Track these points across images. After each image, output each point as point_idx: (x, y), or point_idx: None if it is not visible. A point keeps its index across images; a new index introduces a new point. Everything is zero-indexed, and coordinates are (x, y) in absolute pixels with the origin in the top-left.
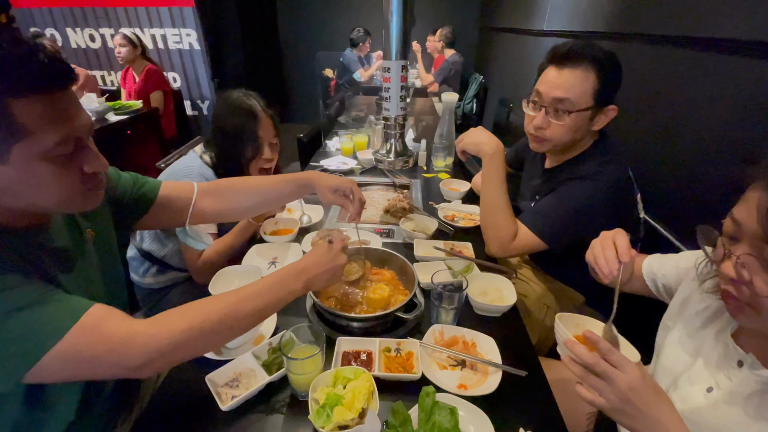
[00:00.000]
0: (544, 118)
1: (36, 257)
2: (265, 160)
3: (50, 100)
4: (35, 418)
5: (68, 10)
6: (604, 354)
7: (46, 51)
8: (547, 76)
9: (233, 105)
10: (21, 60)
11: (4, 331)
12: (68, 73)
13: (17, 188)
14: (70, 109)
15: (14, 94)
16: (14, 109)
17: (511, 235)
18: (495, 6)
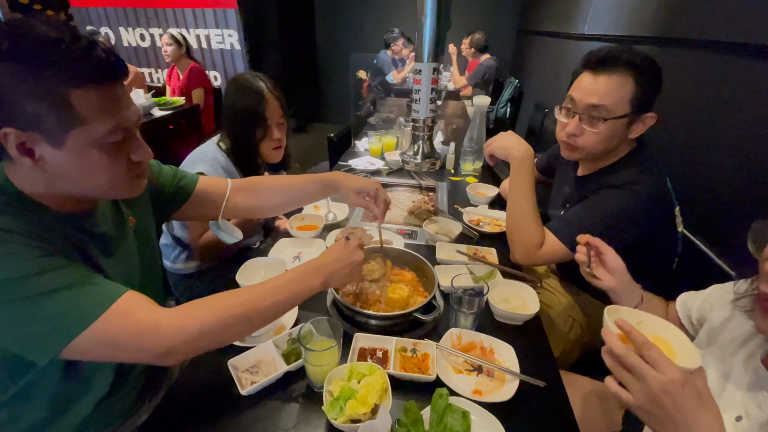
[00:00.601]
0: (577, 125)
1: (81, 241)
2: (275, 140)
3: (105, 92)
4: (71, 391)
5: (122, 11)
6: (638, 347)
7: (103, 47)
8: (581, 82)
9: (241, 86)
10: (81, 53)
11: (45, 308)
12: (121, 68)
13: (70, 173)
14: (121, 101)
15: (74, 84)
16: (72, 98)
17: (537, 242)
18: (534, 9)
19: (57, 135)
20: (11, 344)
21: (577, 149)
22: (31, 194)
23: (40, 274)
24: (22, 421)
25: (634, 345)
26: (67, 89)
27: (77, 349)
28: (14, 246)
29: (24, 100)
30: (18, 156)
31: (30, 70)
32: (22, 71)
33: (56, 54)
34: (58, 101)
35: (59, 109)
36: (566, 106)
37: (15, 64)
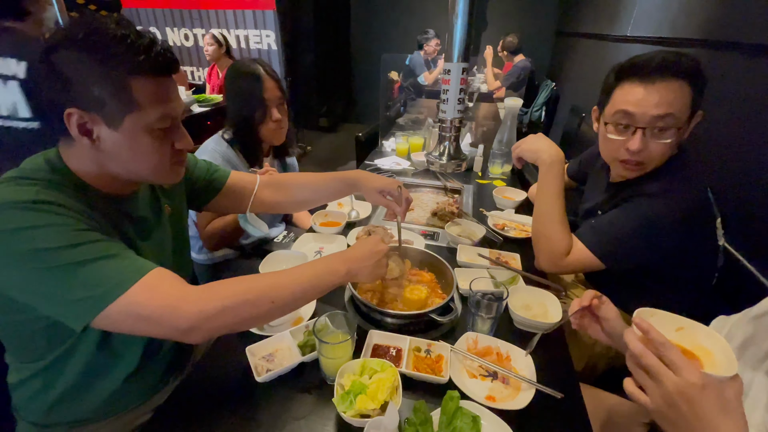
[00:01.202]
0: (642, 140)
1: (120, 222)
2: (275, 121)
3: (159, 83)
4: (103, 363)
5: (168, 12)
6: (656, 348)
7: (161, 44)
8: (635, 94)
9: (238, 71)
10: (143, 48)
11: (81, 276)
12: (175, 64)
13: (121, 154)
14: (171, 92)
15: (135, 73)
16: (132, 86)
17: (564, 249)
18: (574, 10)
19: (115, 117)
20: (51, 309)
21: (643, 165)
22: (81, 174)
23: (78, 245)
24: (57, 388)
25: (652, 345)
26: (129, 77)
27: (108, 319)
28: (58, 218)
29: (91, 84)
30: (78, 135)
31: (99, 59)
32: (92, 59)
33: (123, 47)
34: (120, 87)
35: (120, 95)
36: (620, 123)
37: (87, 52)
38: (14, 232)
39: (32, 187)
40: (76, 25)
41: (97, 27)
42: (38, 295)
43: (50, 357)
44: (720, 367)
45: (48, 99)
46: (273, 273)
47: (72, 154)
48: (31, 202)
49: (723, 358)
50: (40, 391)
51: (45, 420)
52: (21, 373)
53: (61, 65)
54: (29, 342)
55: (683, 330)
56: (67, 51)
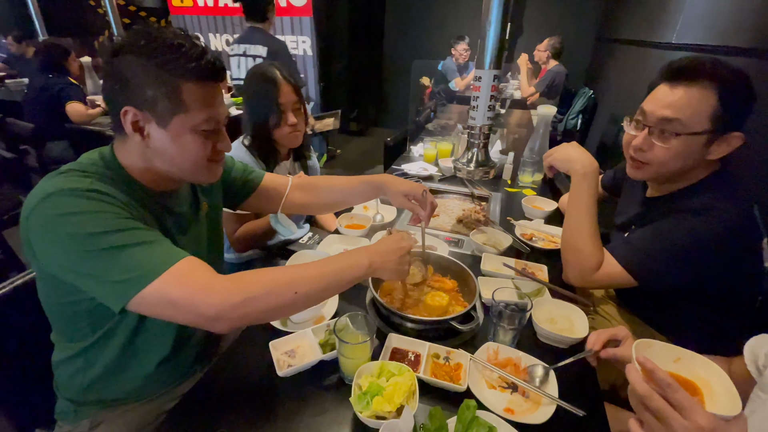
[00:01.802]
0: (646, 139)
1: (162, 216)
2: (290, 125)
3: (207, 88)
4: (138, 347)
5: (212, 18)
6: (662, 389)
7: (211, 53)
8: (656, 94)
9: (255, 74)
10: (195, 56)
11: (121, 260)
12: (222, 72)
13: (167, 151)
14: (217, 98)
15: (185, 78)
16: (183, 90)
17: (594, 263)
18: (615, 15)
19: (165, 117)
20: (93, 289)
21: (645, 166)
22: (129, 170)
23: (121, 230)
24: (95, 369)
25: (658, 385)
26: (180, 82)
27: (143, 302)
28: (104, 206)
29: (146, 86)
30: (131, 131)
31: (155, 64)
32: (149, 63)
33: (177, 54)
34: (171, 90)
35: (171, 97)
36: (636, 119)
37: (145, 57)
38: (67, 215)
39: (87, 178)
40: (138, 33)
41: (157, 36)
42: (82, 275)
43: (91, 338)
44: (720, 399)
45: (108, 97)
46: (297, 265)
47: (124, 150)
48: (85, 190)
49: (723, 390)
50: (80, 370)
51: (82, 398)
52: (64, 352)
53: (122, 67)
54: (73, 322)
55: (681, 360)
56: (129, 55)
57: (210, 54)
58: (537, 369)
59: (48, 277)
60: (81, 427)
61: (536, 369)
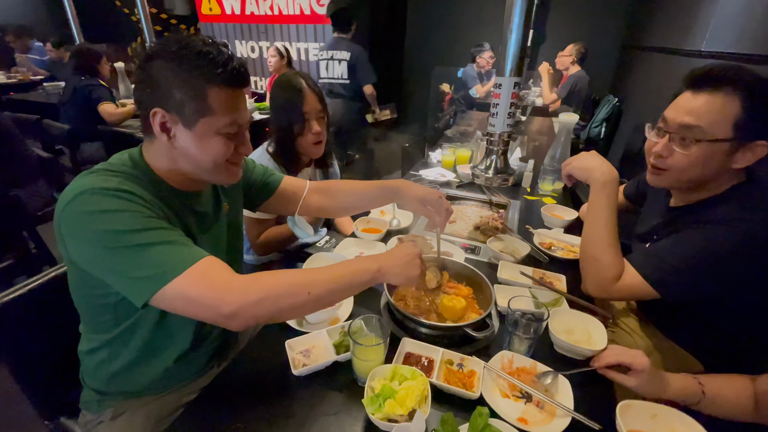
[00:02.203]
0: (666, 146)
1: (185, 215)
2: (314, 134)
3: (231, 93)
4: (160, 341)
5: (238, 26)
6: None
7: (237, 60)
8: (679, 100)
9: (282, 83)
10: (222, 63)
11: (145, 257)
12: (247, 78)
13: (191, 151)
14: (240, 102)
15: (212, 83)
16: (209, 94)
17: (614, 274)
18: (643, 22)
19: (191, 119)
20: (118, 284)
21: (664, 172)
22: (156, 170)
23: (146, 229)
24: (118, 360)
25: None
26: (207, 86)
27: (164, 298)
28: (132, 205)
29: (175, 89)
30: (158, 132)
31: (185, 69)
32: (179, 69)
33: (205, 60)
34: (198, 94)
35: (198, 100)
36: (658, 126)
37: (176, 63)
38: (97, 213)
39: (116, 177)
40: (170, 40)
41: (187, 43)
42: (108, 271)
43: (116, 331)
44: None
45: (140, 99)
46: (311, 269)
47: (151, 150)
48: (114, 189)
49: None
50: (104, 361)
51: (105, 388)
52: (91, 343)
53: (154, 72)
54: (99, 315)
55: (657, 417)
56: (161, 60)
57: (235, 61)
58: (547, 375)
59: (78, 270)
60: (104, 416)
61: (546, 375)
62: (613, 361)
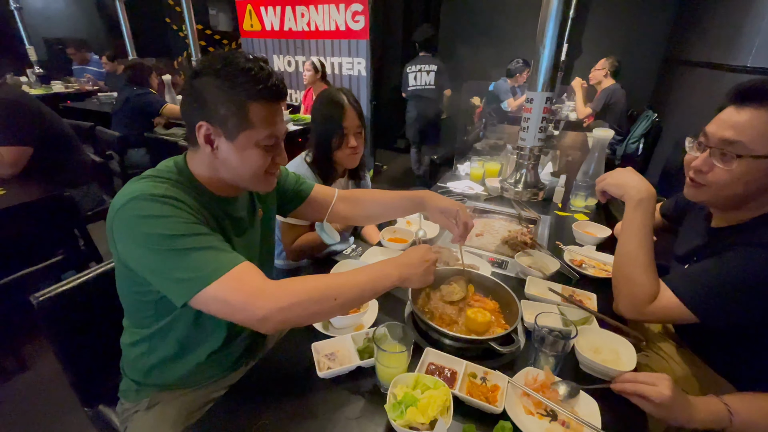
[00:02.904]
0: (706, 160)
1: (222, 220)
2: (351, 147)
3: (270, 108)
4: (195, 338)
5: (277, 41)
6: None
7: (276, 76)
8: (721, 115)
9: (324, 98)
10: (262, 79)
11: (187, 261)
12: (285, 93)
13: (232, 162)
14: (278, 116)
15: (253, 98)
16: (250, 109)
17: (648, 295)
18: (687, 36)
19: (233, 132)
20: (160, 284)
21: (703, 187)
22: (199, 177)
23: (189, 235)
24: (156, 354)
25: None
26: (248, 102)
27: (202, 300)
28: (177, 211)
29: (220, 105)
30: (203, 143)
31: (229, 85)
32: (223, 85)
33: (247, 77)
34: (240, 109)
35: (240, 114)
36: (699, 141)
37: (221, 79)
38: (145, 218)
39: (163, 184)
40: (215, 57)
41: (231, 60)
42: (152, 272)
43: (155, 326)
44: None
45: (186, 112)
46: (335, 274)
47: (195, 159)
48: (161, 196)
49: None
50: (144, 354)
51: (143, 379)
52: (132, 336)
53: (200, 87)
54: (142, 311)
55: None
56: (206, 77)
57: (275, 77)
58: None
59: (125, 269)
60: (140, 405)
61: (563, 385)
62: (630, 391)
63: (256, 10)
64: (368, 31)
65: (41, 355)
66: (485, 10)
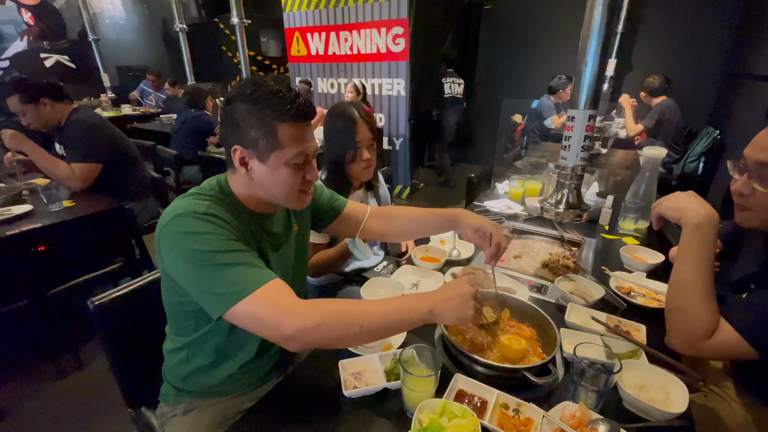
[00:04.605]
0: (745, 184)
1: (259, 235)
2: (364, 160)
3: (298, 128)
4: (230, 349)
5: (320, 65)
6: None
7: (303, 97)
8: (758, 136)
9: (336, 113)
10: (289, 101)
11: (226, 276)
12: (312, 112)
13: (265, 182)
14: (307, 134)
15: (281, 120)
16: (278, 130)
17: (705, 329)
18: (751, 48)
19: (264, 154)
20: (198, 296)
21: (749, 212)
22: (238, 195)
23: (227, 251)
24: (194, 362)
25: None
26: (277, 124)
27: (235, 314)
28: (217, 228)
29: (251, 128)
30: (239, 166)
31: (259, 109)
32: (254, 109)
33: (276, 99)
34: (270, 131)
35: (269, 136)
36: (741, 164)
37: (251, 104)
38: (188, 234)
39: (205, 201)
40: (246, 83)
41: (260, 85)
42: (192, 285)
43: (194, 335)
44: None
45: (223, 137)
46: (366, 300)
47: (234, 179)
48: (203, 213)
49: None
50: (182, 361)
51: (181, 385)
52: (173, 343)
53: (233, 113)
54: (182, 320)
55: None
56: (238, 102)
57: (301, 97)
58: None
59: (169, 279)
60: (177, 410)
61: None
62: None
63: (303, 37)
64: (408, 52)
65: (95, 357)
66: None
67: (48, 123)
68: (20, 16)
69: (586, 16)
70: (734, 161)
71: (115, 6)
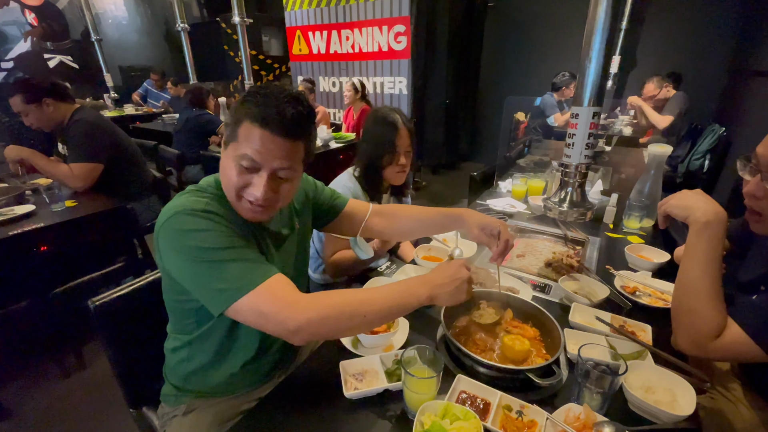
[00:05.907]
0: (758, 185)
1: (259, 233)
2: (400, 166)
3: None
4: (230, 347)
5: (323, 64)
6: None
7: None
8: None
9: (380, 117)
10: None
11: (226, 272)
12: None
13: (221, 171)
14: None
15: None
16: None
17: (712, 329)
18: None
19: (227, 143)
20: (199, 294)
21: (759, 215)
22: None
23: (226, 248)
24: (195, 361)
25: None
26: (243, 118)
27: (237, 310)
28: (216, 225)
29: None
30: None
31: (243, 103)
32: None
33: (254, 99)
34: (236, 122)
35: (234, 128)
36: (752, 164)
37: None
38: (188, 231)
39: (203, 199)
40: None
41: (265, 86)
42: (192, 282)
43: (195, 333)
44: None
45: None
46: (365, 290)
47: None
48: (202, 210)
49: None
50: (183, 360)
51: (182, 385)
52: (175, 342)
53: (232, 113)
54: (184, 318)
55: None
56: (237, 104)
57: (287, 114)
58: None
59: (169, 278)
60: (178, 410)
61: (606, 426)
62: None
63: (305, 36)
64: (410, 50)
65: (98, 356)
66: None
67: (51, 123)
68: (24, 17)
69: (590, 12)
70: (745, 161)
71: (117, 6)
